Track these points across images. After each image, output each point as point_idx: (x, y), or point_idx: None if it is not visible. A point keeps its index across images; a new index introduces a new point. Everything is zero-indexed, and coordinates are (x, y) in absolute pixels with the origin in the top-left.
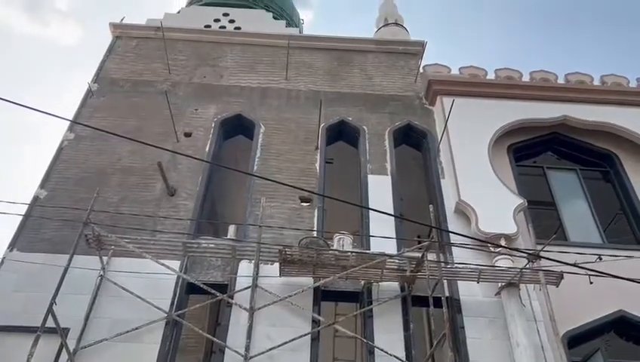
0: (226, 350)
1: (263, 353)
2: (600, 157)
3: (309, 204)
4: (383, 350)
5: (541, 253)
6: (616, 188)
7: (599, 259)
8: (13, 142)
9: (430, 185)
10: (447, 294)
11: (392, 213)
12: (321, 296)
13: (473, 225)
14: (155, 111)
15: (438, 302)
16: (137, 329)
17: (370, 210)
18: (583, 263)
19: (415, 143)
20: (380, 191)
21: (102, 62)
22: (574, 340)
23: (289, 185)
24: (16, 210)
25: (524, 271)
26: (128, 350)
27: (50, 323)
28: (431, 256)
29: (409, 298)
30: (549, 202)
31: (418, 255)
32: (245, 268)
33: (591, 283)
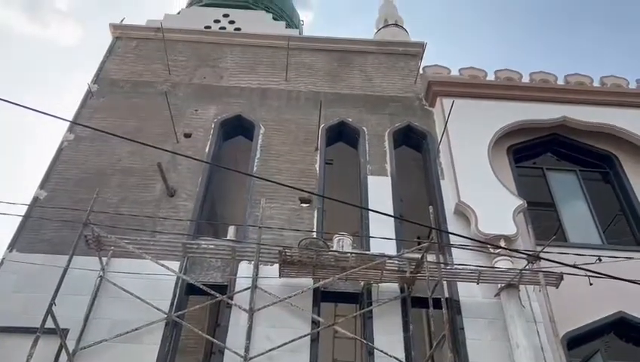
0: (226, 351)
1: (263, 354)
2: (600, 159)
3: (308, 204)
4: (382, 351)
5: (541, 254)
6: (615, 189)
7: (599, 260)
8: (13, 142)
9: (430, 186)
10: (446, 295)
11: (392, 214)
12: (321, 297)
13: (473, 226)
14: (154, 112)
15: (437, 303)
16: (137, 330)
17: (369, 211)
18: (583, 264)
19: (415, 144)
20: (380, 192)
21: (102, 63)
22: (574, 341)
23: (289, 186)
24: (15, 211)
25: (524, 272)
26: (128, 351)
27: (49, 323)
28: (430, 257)
29: (409, 299)
30: (549, 203)
31: (418, 256)
32: (245, 269)
33: (591, 284)
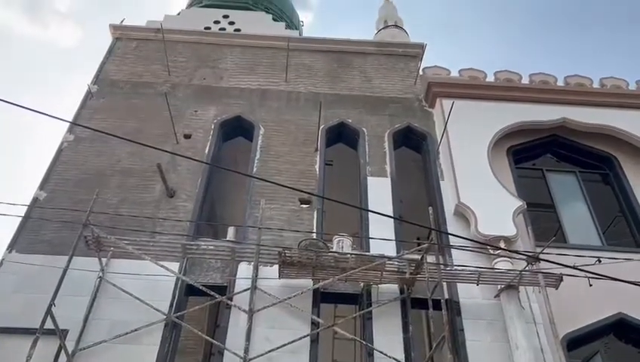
0: (225, 352)
1: (262, 355)
2: (599, 160)
3: (308, 205)
4: (382, 352)
5: (540, 256)
6: (615, 190)
7: (598, 261)
8: (13, 143)
9: (430, 187)
10: (446, 296)
11: (392, 215)
12: (321, 297)
13: (472, 227)
14: (154, 112)
15: (437, 305)
16: (136, 330)
17: (369, 212)
18: (583, 266)
19: (415, 145)
20: (380, 193)
21: (101, 64)
22: (574, 342)
23: (288, 187)
24: (15, 212)
25: (524, 273)
26: (127, 351)
27: (49, 324)
28: (430, 259)
29: (408, 300)
30: (549, 204)
31: (417, 257)
32: (244, 269)
33: (590, 285)
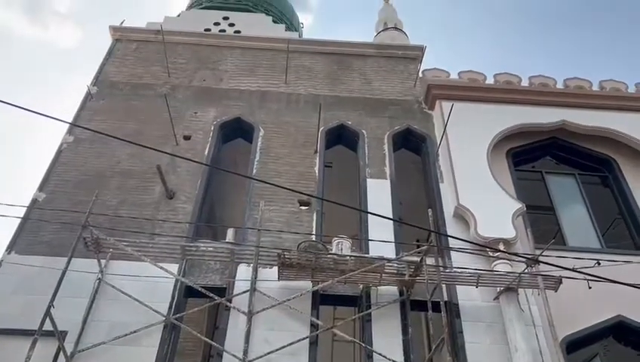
0: (224, 354)
1: (262, 357)
2: (599, 162)
3: (307, 207)
4: (381, 354)
5: (540, 258)
6: (614, 193)
7: (598, 263)
8: (13, 144)
9: (429, 189)
10: (445, 298)
11: (391, 217)
12: (320, 299)
13: (472, 229)
14: (154, 114)
15: (436, 307)
16: (135, 332)
17: (369, 214)
18: (582, 268)
19: (414, 147)
20: (379, 195)
21: (101, 65)
22: (573, 345)
23: (288, 189)
24: (14, 213)
25: (523, 275)
26: (126, 353)
27: (47, 326)
28: (430, 261)
29: (408, 302)
30: (548, 207)
31: (417, 259)
32: (244, 271)
33: (589, 288)
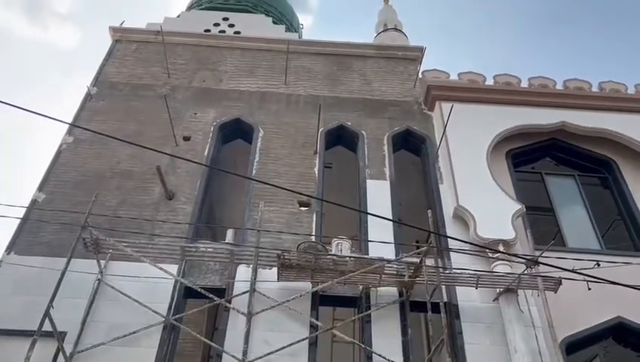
0: (224, 355)
1: (261, 358)
2: (598, 164)
3: (307, 208)
4: (380, 355)
5: (539, 259)
6: (614, 194)
7: (597, 265)
8: (12, 144)
9: (429, 190)
10: (445, 299)
11: (391, 218)
12: (319, 300)
13: (471, 230)
14: (154, 115)
15: (436, 308)
16: (135, 333)
17: (368, 215)
18: (581, 269)
19: (414, 148)
20: (379, 196)
21: (101, 66)
22: (572, 346)
23: (288, 190)
24: (14, 213)
25: (523, 276)
26: (125, 354)
27: (47, 326)
28: (429, 262)
29: (407, 303)
30: (548, 208)
31: (416, 260)
32: (243, 272)
33: (589, 289)
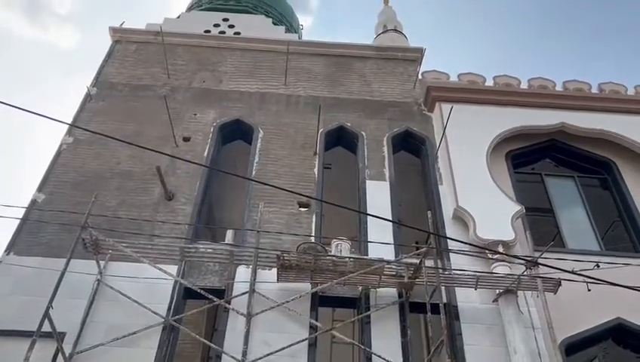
0: (223, 355)
1: (261, 358)
2: (598, 165)
3: (307, 209)
4: (380, 356)
5: (539, 260)
6: (614, 195)
7: (597, 266)
8: (12, 145)
9: (428, 191)
10: (444, 300)
11: (390, 219)
12: (319, 301)
13: (471, 231)
14: (154, 115)
15: (435, 309)
16: (134, 333)
17: (368, 216)
18: (581, 270)
19: (413, 149)
20: (378, 196)
21: (101, 67)
22: (572, 348)
23: (287, 191)
24: (13, 214)
25: (522, 277)
26: (125, 355)
27: (46, 327)
28: (429, 263)
29: (407, 304)
30: (547, 209)
31: (416, 261)
32: (243, 273)
33: (589, 290)
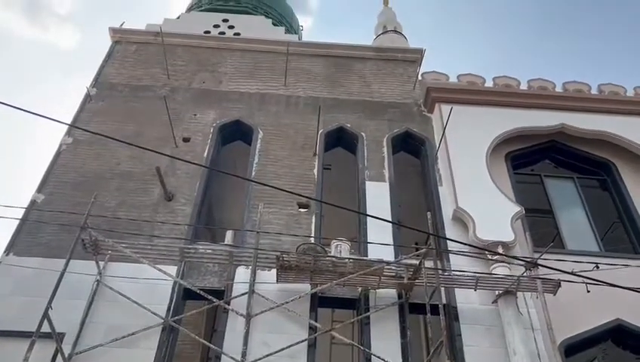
0: (223, 356)
1: (260, 359)
2: (597, 166)
3: (306, 210)
4: (379, 357)
5: (538, 261)
6: (613, 196)
7: (596, 267)
8: (12, 145)
9: (428, 192)
10: (444, 301)
11: (390, 220)
12: (318, 302)
13: (471, 232)
14: (153, 116)
15: (435, 310)
16: (133, 334)
17: (367, 217)
18: (581, 271)
19: (413, 150)
20: (378, 197)
21: (101, 67)
22: (571, 349)
23: (287, 191)
24: (13, 214)
25: (522, 278)
26: (124, 355)
27: (45, 327)
28: (428, 264)
29: (406, 305)
30: (547, 210)
31: (415, 262)
32: (242, 274)
33: (588, 291)
